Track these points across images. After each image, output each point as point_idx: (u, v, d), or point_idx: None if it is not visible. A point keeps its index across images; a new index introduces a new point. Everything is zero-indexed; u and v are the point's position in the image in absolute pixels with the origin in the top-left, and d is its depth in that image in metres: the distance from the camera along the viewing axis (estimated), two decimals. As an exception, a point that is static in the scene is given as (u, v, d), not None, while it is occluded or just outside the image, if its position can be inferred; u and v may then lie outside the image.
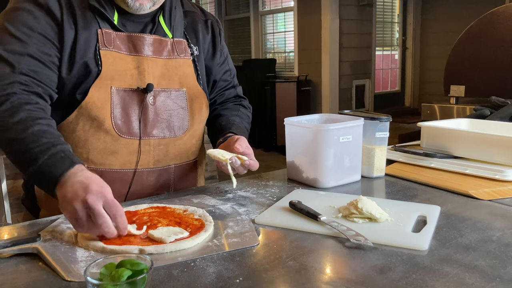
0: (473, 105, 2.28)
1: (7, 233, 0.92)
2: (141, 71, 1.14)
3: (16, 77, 1.00)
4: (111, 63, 1.11)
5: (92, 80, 1.09)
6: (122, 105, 1.12)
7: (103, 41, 1.10)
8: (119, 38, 1.13)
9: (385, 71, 7.17)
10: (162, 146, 1.18)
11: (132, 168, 1.15)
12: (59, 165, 0.89)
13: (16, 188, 1.36)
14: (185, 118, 1.22)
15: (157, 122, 1.16)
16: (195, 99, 1.24)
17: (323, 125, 1.20)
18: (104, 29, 1.11)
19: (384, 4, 6.79)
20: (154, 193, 1.19)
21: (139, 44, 1.15)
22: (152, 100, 1.15)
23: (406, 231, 0.87)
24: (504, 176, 1.18)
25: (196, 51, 1.27)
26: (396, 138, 4.68)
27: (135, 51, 1.15)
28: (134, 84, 1.13)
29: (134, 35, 1.15)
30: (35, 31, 1.04)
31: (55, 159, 0.90)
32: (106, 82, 1.10)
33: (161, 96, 1.17)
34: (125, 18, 1.15)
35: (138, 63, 1.14)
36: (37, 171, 0.91)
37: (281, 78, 6.64)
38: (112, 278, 0.63)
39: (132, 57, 1.14)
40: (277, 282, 0.70)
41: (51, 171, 0.89)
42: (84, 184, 0.83)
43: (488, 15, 3.04)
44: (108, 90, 1.10)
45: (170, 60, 1.20)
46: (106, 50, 1.11)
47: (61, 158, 0.91)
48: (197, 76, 1.26)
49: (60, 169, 0.88)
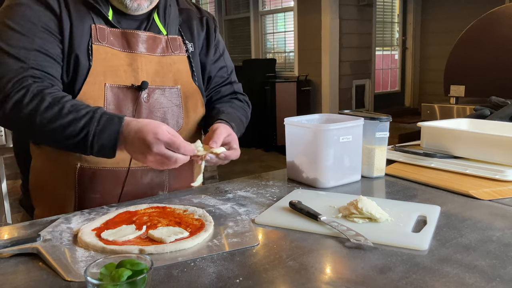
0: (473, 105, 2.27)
1: (7, 233, 0.92)
2: (134, 68, 1.14)
3: (29, 71, 1.01)
4: (103, 58, 1.10)
5: (83, 75, 1.08)
6: (116, 102, 1.11)
7: (96, 36, 1.10)
8: (113, 34, 1.13)
9: (385, 71, 7.17)
10: None
11: (125, 166, 1.14)
12: (111, 125, 0.97)
13: (16, 188, 1.36)
14: (180, 115, 1.21)
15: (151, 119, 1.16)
16: (189, 96, 1.23)
17: (323, 125, 1.20)
18: (98, 25, 1.11)
19: (384, 4, 6.79)
20: (149, 192, 1.19)
21: (133, 41, 1.14)
22: (146, 98, 1.15)
23: (406, 231, 0.87)
24: (504, 176, 1.18)
25: (191, 48, 1.26)
26: (396, 138, 4.68)
27: (129, 48, 1.14)
28: (128, 81, 1.13)
29: (128, 32, 1.14)
30: (38, 26, 1.04)
31: (104, 122, 0.97)
32: (99, 78, 1.09)
33: (155, 93, 1.17)
34: (120, 16, 1.15)
35: (132, 60, 1.14)
36: (93, 142, 0.97)
37: (281, 78, 6.64)
38: (112, 278, 0.63)
39: (125, 54, 1.14)
40: (277, 282, 0.70)
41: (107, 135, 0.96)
42: (141, 140, 0.94)
43: (488, 15, 3.04)
44: (102, 87, 1.09)
45: (164, 57, 1.20)
46: (98, 45, 1.10)
47: (108, 119, 0.98)
48: (192, 73, 1.25)
49: (114, 128, 0.97)
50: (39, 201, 1.18)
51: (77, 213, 1.01)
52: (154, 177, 1.20)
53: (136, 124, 0.97)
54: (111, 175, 1.14)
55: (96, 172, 1.11)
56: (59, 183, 1.14)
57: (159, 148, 0.93)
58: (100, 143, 0.97)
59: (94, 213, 1.01)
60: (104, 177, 1.01)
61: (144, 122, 0.97)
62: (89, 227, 0.89)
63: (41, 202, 1.18)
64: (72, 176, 1.11)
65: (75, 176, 1.11)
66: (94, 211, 1.03)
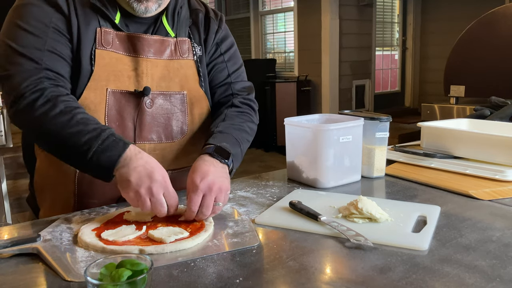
0: (473, 105, 2.27)
1: (7, 233, 0.92)
2: (139, 73, 1.12)
3: (43, 72, 1.00)
4: (107, 63, 1.09)
5: (85, 79, 1.07)
6: (118, 107, 1.10)
7: (100, 40, 1.08)
8: (119, 38, 1.11)
9: (385, 71, 7.17)
10: (158, 151, 1.15)
11: None
12: (114, 148, 0.93)
13: (16, 188, 1.36)
14: (184, 122, 1.18)
15: (153, 126, 1.14)
16: (195, 102, 1.20)
17: (323, 125, 1.20)
18: (104, 28, 1.09)
19: (384, 4, 6.79)
20: None
21: (138, 45, 1.12)
22: (150, 103, 1.13)
23: (406, 231, 0.87)
24: (504, 176, 1.18)
25: (200, 52, 1.22)
26: (396, 138, 4.69)
27: (134, 52, 1.12)
28: (131, 86, 1.11)
29: (134, 36, 1.12)
30: (49, 26, 1.04)
31: (108, 143, 0.93)
32: (101, 83, 1.08)
33: (160, 99, 1.14)
34: (129, 19, 1.13)
35: (136, 64, 1.12)
36: (91, 159, 0.93)
37: (281, 78, 6.64)
38: (112, 278, 0.63)
39: (130, 58, 1.12)
40: (277, 282, 0.70)
41: (107, 156, 0.92)
42: (148, 171, 0.91)
43: (488, 15, 3.04)
44: (103, 92, 1.08)
45: (172, 61, 1.17)
46: (102, 50, 1.09)
47: (114, 141, 0.94)
48: (199, 78, 1.21)
49: (117, 152, 0.93)
50: (42, 202, 1.18)
51: (77, 213, 1.01)
52: None
53: (146, 156, 0.95)
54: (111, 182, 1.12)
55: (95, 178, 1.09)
56: (60, 186, 1.13)
57: (159, 189, 0.90)
58: (99, 162, 0.93)
59: (94, 213, 1.01)
60: (103, 183, 0.99)
61: (153, 159, 0.95)
62: (89, 227, 0.89)
63: (44, 203, 1.17)
64: (72, 180, 1.11)
65: (75, 181, 1.11)
66: (94, 211, 1.03)
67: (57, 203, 1.14)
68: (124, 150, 0.93)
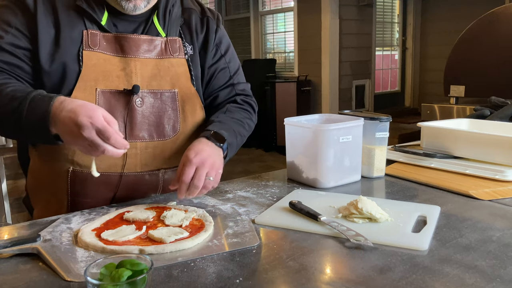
0: (473, 105, 2.28)
1: (7, 233, 0.92)
2: (128, 73, 1.12)
3: None
4: (94, 64, 1.09)
5: (73, 81, 1.07)
6: (108, 107, 1.09)
7: (87, 42, 1.08)
8: (106, 39, 1.11)
9: (385, 71, 7.17)
10: (150, 149, 1.15)
11: (118, 171, 1.12)
12: (41, 105, 0.92)
13: (17, 188, 1.36)
14: (177, 120, 1.17)
15: (144, 124, 1.13)
16: (187, 100, 1.19)
17: (323, 125, 1.20)
18: (90, 30, 1.09)
19: (384, 4, 6.79)
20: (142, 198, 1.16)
21: (126, 45, 1.12)
22: (140, 102, 1.12)
23: (406, 231, 0.87)
24: (504, 176, 1.18)
25: (191, 51, 1.22)
26: (396, 138, 4.68)
27: (122, 52, 1.12)
28: (121, 85, 1.11)
29: (122, 36, 1.12)
30: (13, 26, 1.05)
31: (34, 103, 0.93)
32: (90, 83, 1.08)
33: (150, 97, 1.14)
34: (118, 18, 1.13)
35: (125, 64, 1.12)
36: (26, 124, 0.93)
37: (281, 78, 6.64)
38: (112, 278, 0.63)
39: (118, 58, 1.12)
40: (277, 282, 0.70)
41: (37, 114, 0.92)
42: (73, 119, 0.88)
43: (488, 15, 3.04)
44: (93, 92, 1.08)
45: (162, 60, 1.16)
46: (89, 51, 1.09)
47: (40, 99, 0.94)
48: (191, 76, 1.21)
49: (44, 107, 0.92)
50: (36, 202, 1.18)
51: (77, 213, 1.01)
52: (148, 182, 1.17)
53: (70, 103, 0.92)
54: (103, 180, 1.11)
55: (88, 176, 1.08)
56: (53, 186, 1.13)
57: (90, 133, 0.88)
58: (32, 123, 0.93)
59: (94, 213, 1.01)
60: (96, 182, 0.98)
61: (79, 103, 0.92)
62: (89, 227, 0.89)
63: (38, 203, 1.17)
64: (65, 179, 1.11)
65: (68, 180, 1.11)
66: (94, 211, 1.03)
67: (51, 203, 1.14)
68: (50, 103, 0.92)
